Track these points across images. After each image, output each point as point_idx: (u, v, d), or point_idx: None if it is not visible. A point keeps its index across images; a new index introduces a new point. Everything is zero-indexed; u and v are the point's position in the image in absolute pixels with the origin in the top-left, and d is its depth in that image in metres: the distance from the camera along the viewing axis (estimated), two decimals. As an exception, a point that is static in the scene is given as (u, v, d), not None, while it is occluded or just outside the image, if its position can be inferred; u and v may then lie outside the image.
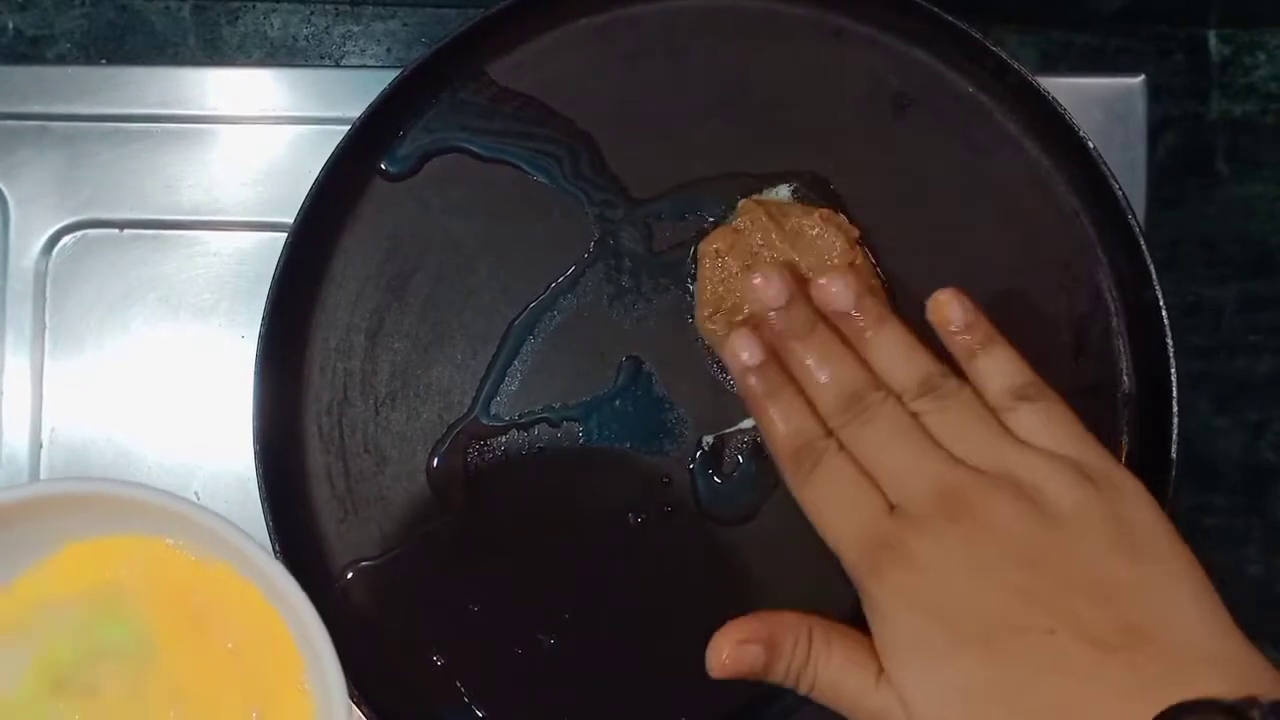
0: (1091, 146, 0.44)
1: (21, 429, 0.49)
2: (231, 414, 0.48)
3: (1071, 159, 0.46)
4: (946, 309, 0.40)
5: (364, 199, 0.47)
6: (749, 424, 0.46)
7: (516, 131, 0.47)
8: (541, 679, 0.45)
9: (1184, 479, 0.44)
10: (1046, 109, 0.45)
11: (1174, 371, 0.44)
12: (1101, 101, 0.50)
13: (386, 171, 0.47)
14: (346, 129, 0.45)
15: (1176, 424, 0.43)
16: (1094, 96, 0.50)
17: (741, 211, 0.46)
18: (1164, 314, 0.44)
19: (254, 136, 0.50)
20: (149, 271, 0.50)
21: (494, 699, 0.45)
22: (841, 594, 0.42)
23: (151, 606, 0.38)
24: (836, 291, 0.40)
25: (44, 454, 0.50)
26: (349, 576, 0.46)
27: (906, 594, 0.36)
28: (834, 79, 0.47)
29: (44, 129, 0.50)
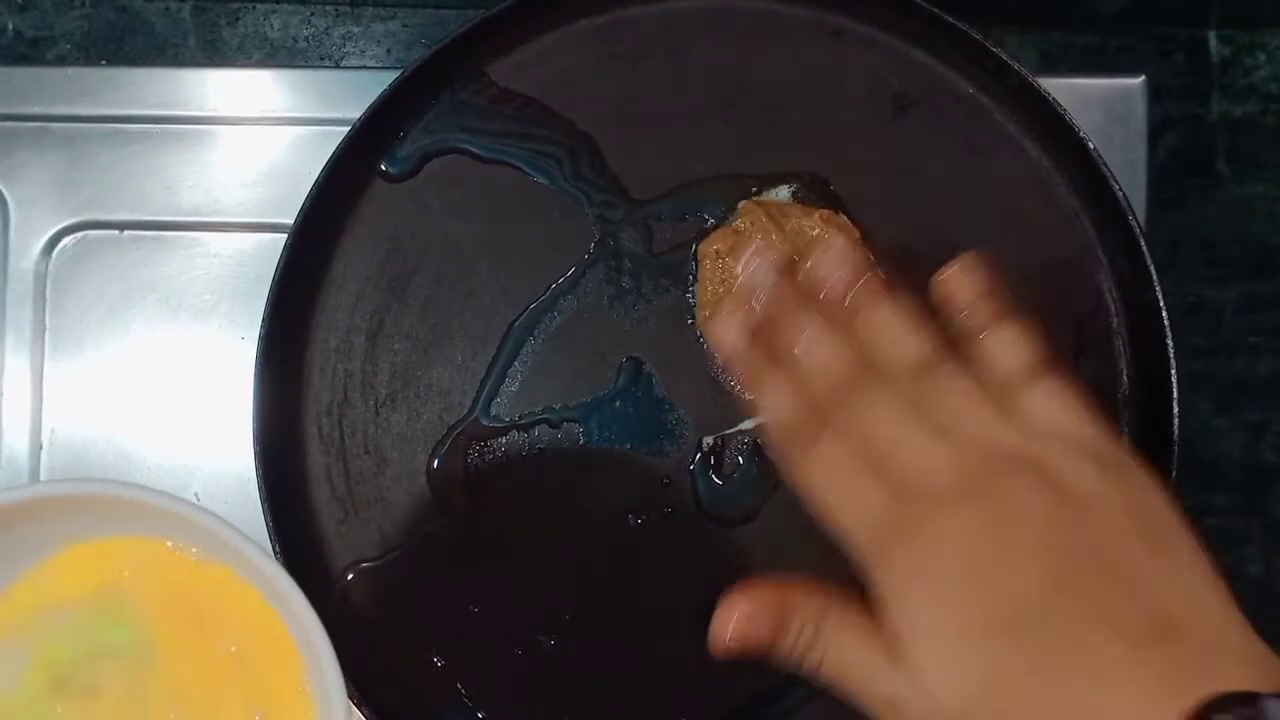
0: (1092, 147, 0.44)
1: (22, 430, 0.49)
2: (232, 415, 0.48)
3: (1072, 160, 0.46)
4: (964, 276, 0.37)
5: (364, 200, 0.47)
6: (749, 425, 0.46)
7: (516, 132, 0.47)
8: (541, 680, 0.45)
9: (1184, 479, 0.43)
10: (1047, 110, 0.45)
11: (1174, 372, 0.44)
12: (1102, 102, 0.50)
13: (387, 172, 0.47)
14: (346, 130, 0.45)
15: (1177, 424, 0.43)
16: (1094, 97, 0.50)
17: (742, 213, 0.46)
18: (1164, 314, 0.44)
19: (254, 137, 0.50)
20: (149, 272, 0.50)
21: (494, 700, 0.45)
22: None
23: (152, 608, 0.38)
24: (834, 262, 0.38)
25: (44, 455, 0.50)
26: (349, 577, 0.46)
27: (924, 578, 0.34)
28: (834, 79, 0.47)
29: (44, 130, 0.50)
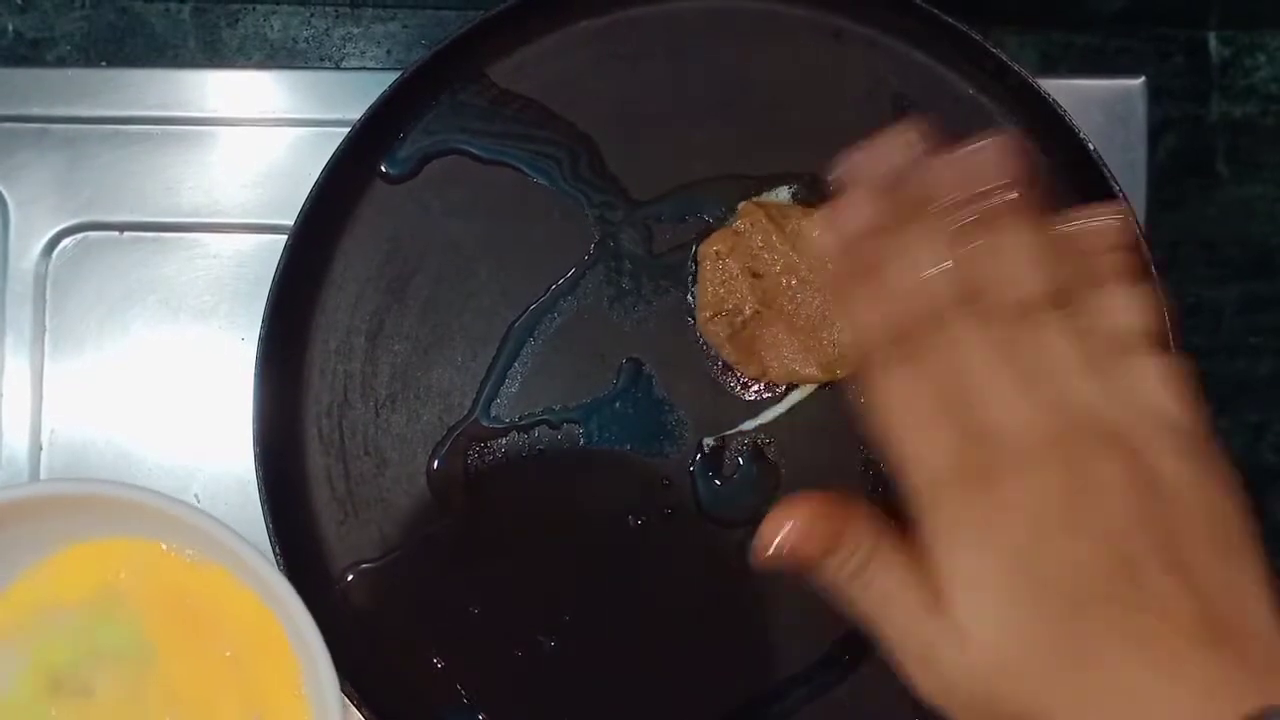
0: (1092, 148, 0.44)
1: (21, 431, 0.49)
2: (231, 416, 0.48)
3: (1072, 160, 0.46)
4: (1117, 219, 0.35)
5: (364, 201, 0.47)
6: (749, 426, 0.46)
7: (516, 133, 0.47)
8: (541, 680, 0.45)
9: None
10: (1047, 111, 0.45)
11: (1174, 373, 0.43)
12: (1102, 103, 0.50)
13: (386, 174, 0.47)
14: (346, 131, 0.45)
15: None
16: (1094, 98, 0.50)
17: (742, 214, 0.46)
18: (1165, 315, 0.44)
19: (254, 139, 0.50)
20: (149, 273, 0.50)
21: (494, 700, 0.45)
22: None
23: (149, 609, 0.38)
24: (987, 162, 0.34)
25: (44, 456, 0.50)
26: (349, 579, 0.46)
27: (981, 531, 0.32)
28: (834, 80, 0.47)
29: (44, 131, 0.50)
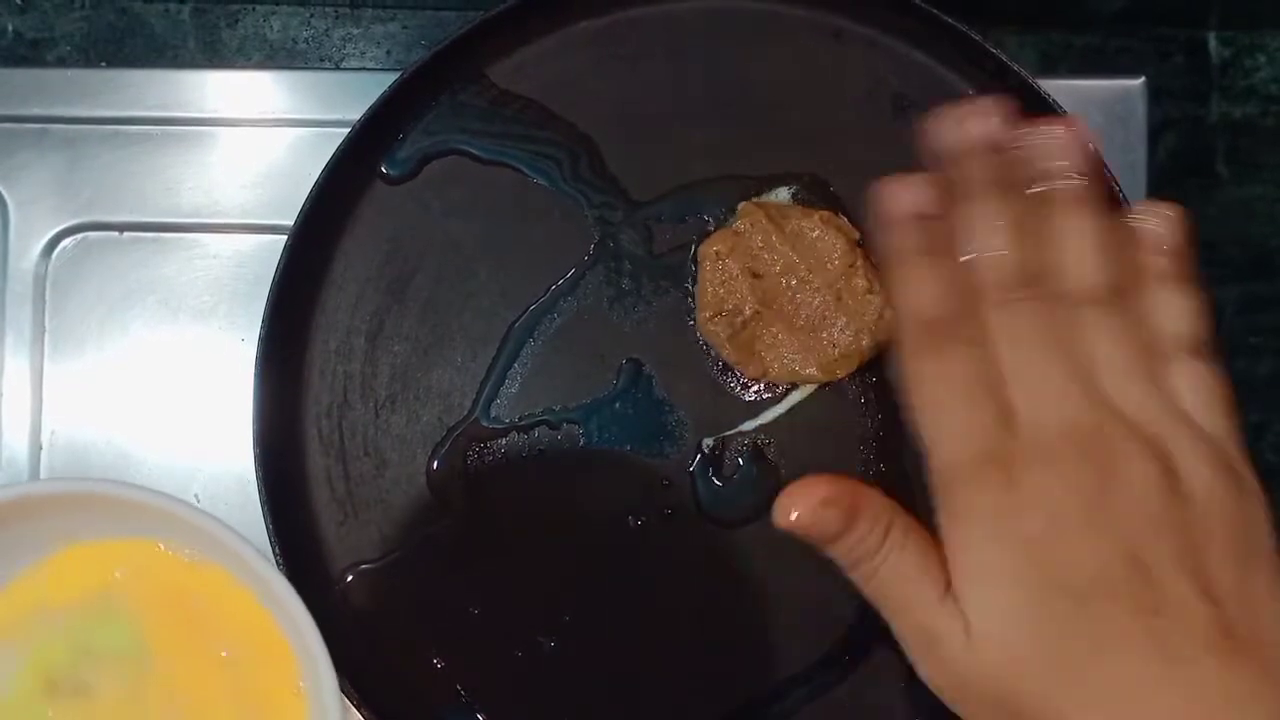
0: (1092, 148, 0.44)
1: (21, 431, 0.49)
2: (231, 417, 0.48)
3: (1072, 161, 0.46)
4: (1174, 222, 0.35)
5: (364, 201, 0.47)
6: (749, 426, 0.46)
7: (516, 134, 0.47)
8: (541, 681, 0.45)
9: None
10: (1047, 111, 0.45)
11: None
12: (1101, 103, 0.50)
13: (386, 174, 0.47)
14: (346, 132, 0.45)
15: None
16: (1094, 98, 0.50)
17: (742, 214, 0.46)
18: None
19: (254, 139, 0.50)
20: (149, 274, 0.50)
21: (494, 701, 0.45)
22: (844, 598, 0.42)
23: (147, 609, 0.38)
24: (1060, 145, 0.35)
25: (44, 456, 0.50)
26: (349, 579, 0.46)
27: (1006, 519, 0.32)
28: (834, 80, 0.47)
29: (44, 131, 0.50)
